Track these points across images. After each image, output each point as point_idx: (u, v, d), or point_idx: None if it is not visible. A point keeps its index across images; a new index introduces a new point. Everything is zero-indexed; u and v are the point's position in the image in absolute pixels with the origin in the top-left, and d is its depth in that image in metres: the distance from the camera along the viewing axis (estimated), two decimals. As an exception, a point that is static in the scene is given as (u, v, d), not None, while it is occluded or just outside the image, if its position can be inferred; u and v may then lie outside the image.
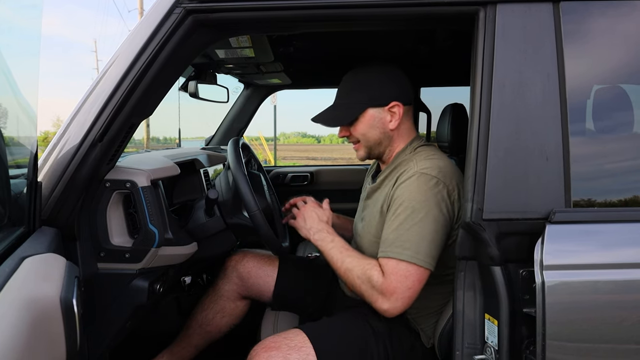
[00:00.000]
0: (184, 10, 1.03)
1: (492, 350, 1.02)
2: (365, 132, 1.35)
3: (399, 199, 1.22)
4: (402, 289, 1.16)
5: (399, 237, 1.18)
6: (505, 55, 1.02)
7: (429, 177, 1.20)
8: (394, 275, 1.17)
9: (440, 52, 1.96)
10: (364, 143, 1.37)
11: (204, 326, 1.64)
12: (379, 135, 1.35)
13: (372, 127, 1.34)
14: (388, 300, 1.17)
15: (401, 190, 1.22)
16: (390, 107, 1.32)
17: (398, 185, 1.24)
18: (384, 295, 1.18)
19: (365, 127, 1.34)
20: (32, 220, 0.96)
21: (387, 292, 1.17)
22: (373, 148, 1.38)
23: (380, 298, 1.18)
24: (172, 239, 1.26)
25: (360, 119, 1.34)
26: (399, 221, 1.19)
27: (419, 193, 1.19)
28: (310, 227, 1.41)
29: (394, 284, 1.16)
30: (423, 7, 1.05)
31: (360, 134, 1.36)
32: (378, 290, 1.18)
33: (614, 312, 0.95)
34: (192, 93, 1.99)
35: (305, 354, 1.16)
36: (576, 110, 1.02)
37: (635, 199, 1.04)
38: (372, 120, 1.33)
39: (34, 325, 0.71)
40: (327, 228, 1.39)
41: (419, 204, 1.18)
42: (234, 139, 1.55)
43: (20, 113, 0.95)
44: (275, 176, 2.78)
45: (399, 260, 1.17)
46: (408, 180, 1.22)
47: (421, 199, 1.18)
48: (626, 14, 1.04)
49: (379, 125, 1.34)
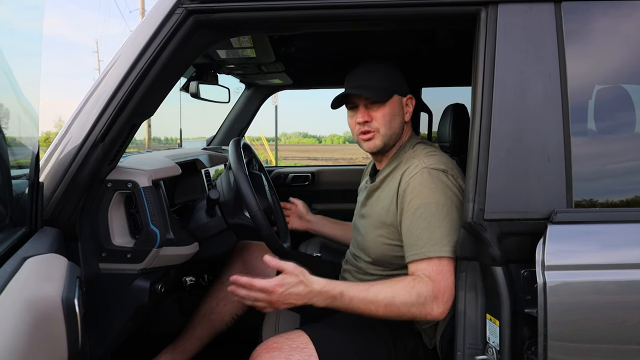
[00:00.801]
0: (185, 10, 1.03)
1: (494, 351, 1.02)
2: (390, 119, 1.31)
3: (417, 198, 1.19)
4: (450, 286, 1.13)
5: (432, 234, 1.15)
6: (507, 55, 1.02)
7: (437, 171, 1.20)
8: (440, 274, 1.13)
9: (442, 52, 1.96)
10: (384, 131, 1.31)
11: (207, 315, 1.65)
12: (399, 124, 1.34)
13: (396, 115, 1.33)
14: (442, 302, 1.12)
15: (415, 190, 1.20)
16: (408, 97, 1.35)
17: (407, 184, 1.22)
18: (437, 300, 1.12)
19: (390, 113, 1.31)
20: (33, 221, 0.96)
21: (440, 294, 1.12)
22: (390, 138, 1.33)
23: (434, 306, 1.12)
24: (173, 239, 1.26)
25: (386, 103, 1.31)
26: (426, 219, 1.17)
27: (435, 189, 1.18)
28: (298, 296, 1.13)
29: (443, 284, 1.12)
30: (424, 7, 1.05)
31: (384, 121, 1.30)
32: (430, 299, 1.12)
33: (616, 312, 0.95)
34: (194, 93, 1.99)
35: (308, 355, 1.16)
36: (578, 110, 1.02)
37: (637, 199, 1.03)
38: (396, 107, 1.33)
39: (36, 326, 0.71)
40: (311, 283, 1.14)
41: (441, 198, 1.17)
42: (235, 139, 1.55)
43: (22, 113, 0.96)
44: (277, 176, 2.78)
45: (440, 258, 1.14)
46: (418, 178, 1.20)
47: (440, 193, 1.17)
48: (628, 14, 1.03)
49: (400, 114, 1.34)
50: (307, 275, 1.15)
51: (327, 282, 1.15)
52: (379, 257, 1.33)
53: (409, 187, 1.21)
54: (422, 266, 1.15)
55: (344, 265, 1.54)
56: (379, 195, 1.35)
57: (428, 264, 1.14)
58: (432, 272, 1.13)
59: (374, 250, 1.33)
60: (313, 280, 1.15)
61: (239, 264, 1.69)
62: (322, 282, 1.15)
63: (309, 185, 2.80)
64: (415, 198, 1.19)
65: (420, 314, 1.12)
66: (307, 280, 1.14)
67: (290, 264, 1.15)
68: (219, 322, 1.66)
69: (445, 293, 1.12)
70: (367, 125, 1.31)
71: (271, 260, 1.15)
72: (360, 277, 1.41)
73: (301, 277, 1.14)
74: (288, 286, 1.12)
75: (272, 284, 1.12)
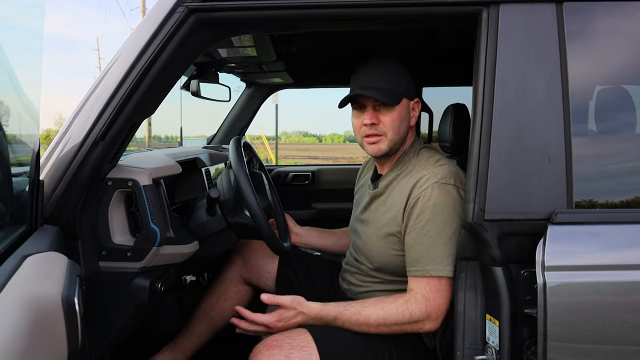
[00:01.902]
0: (186, 9, 1.03)
1: (493, 351, 1.02)
2: (398, 124, 1.27)
3: (425, 214, 1.18)
4: (445, 303, 1.17)
5: (436, 253, 1.16)
6: (508, 56, 1.02)
7: (450, 186, 1.19)
8: (437, 293, 1.17)
9: (443, 52, 1.96)
10: (391, 136, 1.27)
11: (207, 312, 1.66)
12: (405, 128, 1.31)
13: (404, 119, 1.29)
14: (434, 319, 1.17)
15: (425, 206, 1.19)
16: (415, 101, 1.32)
17: (417, 199, 1.20)
18: (430, 318, 1.17)
19: (398, 117, 1.27)
20: (34, 219, 0.96)
21: (433, 313, 1.17)
22: (397, 143, 1.30)
23: (426, 323, 1.17)
24: (173, 238, 1.26)
25: (395, 107, 1.27)
26: (432, 237, 1.17)
27: (445, 205, 1.17)
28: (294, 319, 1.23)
29: (438, 302, 1.17)
30: (426, 7, 1.05)
31: (392, 125, 1.27)
32: (423, 318, 1.17)
33: (616, 313, 0.95)
34: (194, 92, 1.99)
35: (308, 354, 1.16)
36: (579, 111, 1.02)
37: (638, 200, 1.03)
38: (404, 112, 1.29)
39: (36, 324, 0.71)
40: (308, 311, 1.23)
41: (450, 217, 1.17)
42: (235, 138, 1.55)
43: (23, 111, 0.96)
44: (277, 175, 2.78)
45: (440, 277, 1.16)
46: (429, 193, 1.19)
47: (450, 211, 1.17)
48: (629, 14, 1.03)
49: (407, 118, 1.31)
50: (304, 304, 1.24)
51: (322, 307, 1.23)
52: (383, 265, 1.33)
53: (418, 201, 1.20)
54: (422, 284, 1.18)
55: (344, 264, 1.54)
56: (384, 202, 1.33)
57: (427, 282, 1.18)
58: (429, 291, 1.17)
59: (377, 259, 1.33)
60: (310, 309, 1.23)
61: (238, 261, 1.70)
62: (317, 308, 1.23)
63: (309, 185, 2.80)
64: (424, 214, 1.19)
65: (412, 330, 1.20)
66: (304, 309, 1.23)
67: (287, 298, 1.24)
68: (218, 319, 1.66)
69: (439, 311, 1.17)
70: (374, 128, 1.27)
71: (268, 299, 1.24)
72: (362, 279, 1.41)
73: (299, 309, 1.23)
74: (287, 319, 1.23)
75: (272, 319, 1.23)
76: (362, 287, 1.40)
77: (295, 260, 1.69)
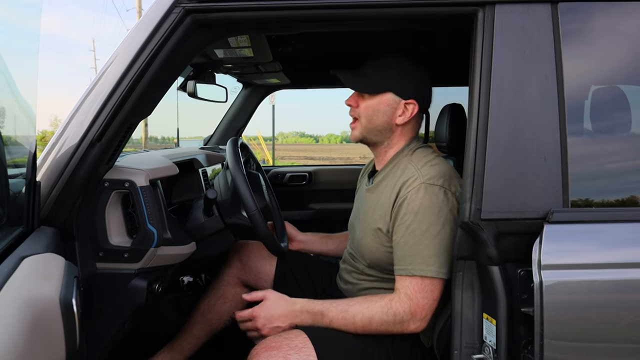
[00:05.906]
0: (183, 9, 1.03)
1: (491, 350, 1.02)
2: (372, 113, 1.31)
3: (410, 214, 1.19)
4: (429, 304, 1.18)
5: (419, 252, 1.17)
6: (504, 56, 1.03)
7: (437, 187, 1.19)
8: (420, 293, 1.17)
9: (439, 53, 1.96)
10: (363, 123, 1.33)
11: (205, 314, 1.65)
12: (382, 122, 1.32)
13: (381, 112, 1.31)
14: (419, 319, 1.18)
15: (410, 206, 1.20)
16: (408, 102, 1.31)
17: (404, 198, 1.21)
18: (414, 317, 1.18)
19: (375, 107, 1.31)
20: (30, 220, 0.96)
21: (417, 312, 1.18)
22: (370, 132, 1.34)
23: (410, 323, 1.18)
24: (170, 239, 1.26)
25: (376, 97, 1.31)
26: (416, 237, 1.18)
27: (431, 206, 1.18)
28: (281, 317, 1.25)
29: (422, 302, 1.17)
30: (422, 7, 1.05)
31: (366, 112, 1.32)
32: (407, 317, 1.18)
33: (612, 311, 0.96)
34: (191, 92, 1.99)
35: (306, 355, 1.16)
36: (574, 110, 1.03)
37: (633, 199, 1.04)
38: (385, 105, 1.31)
39: (33, 326, 0.71)
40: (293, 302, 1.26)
41: (434, 217, 1.17)
42: (232, 139, 1.55)
43: (19, 112, 0.95)
44: (274, 176, 2.78)
45: (423, 277, 1.17)
46: (415, 193, 1.20)
47: (435, 212, 1.17)
48: (624, 14, 1.04)
49: (388, 113, 1.31)
50: (286, 297, 1.28)
51: (307, 301, 1.26)
52: (374, 261, 1.33)
53: (405, 201, 1.21)
54: (405, 283, 1.20)
55: (342, 264, 1.54)
56: (376, 199, 1.34)
57: (410, 282, 1.19)
58: (412, 290, 1.18)
59: (368, 255, 1.34)
60: (293, 300, 1.26)
61: (236, 263, 1.70)
62: (303, 301, 1.26)
63: (306, 185, 2.80)
64: (409, 214, 1.20)
65: (398, 331, 1.20)
66: (286, 298, 1.27)
67: (266, 290, 1.31)
68: (216, 321, 1.66)
69: (423, 310, 1.18)
70: (352, 111, 1.37)
71: (248, 295, 1.31)
72: (358, 277, 1.41)
73: (279, 296, 1.27)
74: (269, 308, 1.25)
75: (254, 310, 1.26)
76: (359, 285, 1.41)
77: (294, 261, 1.69)
